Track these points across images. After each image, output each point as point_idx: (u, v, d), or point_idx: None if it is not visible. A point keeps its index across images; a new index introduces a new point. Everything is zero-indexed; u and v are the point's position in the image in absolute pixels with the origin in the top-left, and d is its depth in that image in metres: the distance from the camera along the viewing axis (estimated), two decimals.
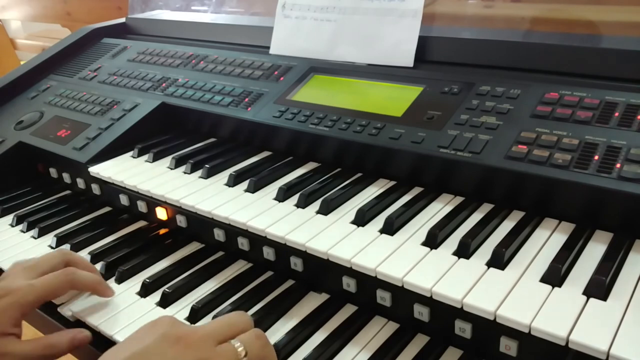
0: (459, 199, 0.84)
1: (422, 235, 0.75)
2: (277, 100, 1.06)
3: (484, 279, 0.65)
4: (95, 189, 1.10)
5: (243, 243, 0.87)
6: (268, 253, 0.84)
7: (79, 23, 2.48)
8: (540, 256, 0.69)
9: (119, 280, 0.86)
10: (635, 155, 0.72)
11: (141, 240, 0.97)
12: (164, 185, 0.95)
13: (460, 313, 0.64)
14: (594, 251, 0.69)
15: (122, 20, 1.63)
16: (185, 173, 1.00)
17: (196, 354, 0.55)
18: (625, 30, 0.97)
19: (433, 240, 0.73)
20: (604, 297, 0.61)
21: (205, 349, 0.56)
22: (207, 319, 0.76)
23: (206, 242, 0.95)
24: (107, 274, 0.88)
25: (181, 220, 0.95)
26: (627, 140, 0.75)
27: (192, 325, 0.56)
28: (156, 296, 0.82)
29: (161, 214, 0.99)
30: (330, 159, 0.99)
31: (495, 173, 0.80)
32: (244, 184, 0.93)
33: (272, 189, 0.91)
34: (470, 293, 0.63)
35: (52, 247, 0.97)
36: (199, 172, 0.99)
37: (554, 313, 0.59)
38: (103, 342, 0.76)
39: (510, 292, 0.62)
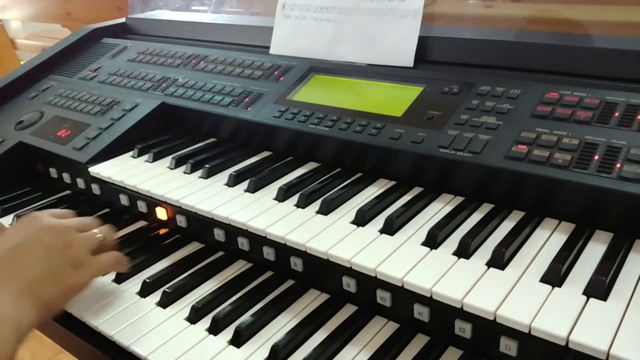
0: (459, 199, 0.84)
1: (422, 235, 0.75)
2: (277, 100, 1.06)
3: (484, 279, 0.65)
4: (95, 189, 1.10)
5: (243, 243, 0.87)
6: (268, 253, 0.84)
7: (79, 23, 2.48)
8: (540, 256, 0.69)
9: (119, 280, 0.86)
10: (635, 155, 0.72)
11: (141, 240, 0.97)
12: (164, 185, 0.95)
13: (460, 313, 0.64)
14: (594, 251, 0.69)
15: (122, 20, 1.63)
16: (185, 173, 1.00)
17: (66, 237, 0.74)
18: (625, 30, 0.97)
19: (433, 240, 0.73)
20: (604, 297, 0.61)
21: (72, 234, 0.75)
22: (207, 319, 0.76)
23: (206, 242, 0.95)
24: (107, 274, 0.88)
25: (181, 220, 0.95)
26: (627, 140, 0.75)
27: (57, 219, 0.76)
28: (156, 296, 0.82)
29: (161, 214, 0.99)
30: (330, 159, 0.99)
31: (495, 173, 0.80)
32: (244, 184, 0.93)
33: (272, 189, 0.91)
34: (470, 293, 0.63)
35: None
36: (199, 172, 0.99)
37: (554, 313, 0.59)
38: (103, 342, 0.77)
39: (510, 292, 0.63)
